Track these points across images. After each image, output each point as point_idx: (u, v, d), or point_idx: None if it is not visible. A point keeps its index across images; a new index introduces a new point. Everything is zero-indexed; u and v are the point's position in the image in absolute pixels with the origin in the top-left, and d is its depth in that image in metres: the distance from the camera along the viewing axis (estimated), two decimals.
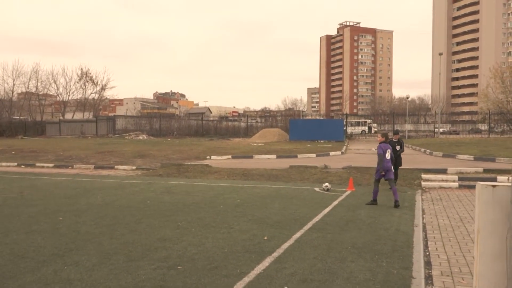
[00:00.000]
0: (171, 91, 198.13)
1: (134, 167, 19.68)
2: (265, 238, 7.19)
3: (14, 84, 69.67)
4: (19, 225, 8.21)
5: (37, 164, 21.58)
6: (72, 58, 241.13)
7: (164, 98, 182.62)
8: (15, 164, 21.99)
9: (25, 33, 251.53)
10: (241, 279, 5.23)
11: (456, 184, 13.52)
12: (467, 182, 13.53)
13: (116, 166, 20.17)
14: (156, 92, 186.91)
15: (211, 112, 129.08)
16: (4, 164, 22.03)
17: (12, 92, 69.95)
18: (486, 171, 14.92)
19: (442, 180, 14.03)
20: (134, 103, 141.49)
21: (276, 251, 6.40)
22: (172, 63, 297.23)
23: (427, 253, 6.45)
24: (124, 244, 6.81)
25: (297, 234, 7.45)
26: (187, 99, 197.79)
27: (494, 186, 4.10)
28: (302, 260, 6.01)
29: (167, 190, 12.82)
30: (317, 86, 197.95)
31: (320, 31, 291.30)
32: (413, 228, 8.07)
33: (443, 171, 15.31)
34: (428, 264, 5.92)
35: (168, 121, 63.49)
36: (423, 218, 9.00)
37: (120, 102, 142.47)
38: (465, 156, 20.82)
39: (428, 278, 5.36)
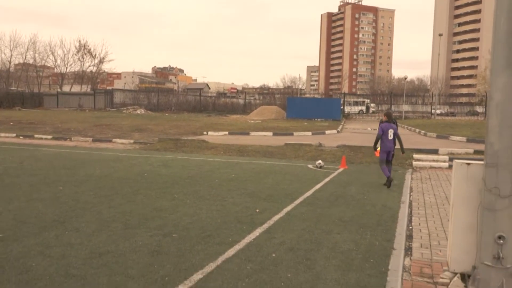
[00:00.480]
0: (169, 66, 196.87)
1: (131, 141, 19.95)
2: (257, 210, 7.52)
3: (11, 55, 69.38)
4: (20, 193, 8.51)
5: (36, 136, 21.83)
6: (69, 30, 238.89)
7: (163, 73, 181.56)
8: (14, 135, 22.22)
9: (22, 3, 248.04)
10: (232, 246, 5.56)
11: (446, 165, 13.85)
12: None
13: (113, 140, 20.43)
14: (155, 66, 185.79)
15: (209, 88, 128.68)
16: (3, 134, 22.26)
17: (10, 63, 69.66)
18: (476, 152, 15.25)
19: (433, 160, 14.36)
20: (132, 77, 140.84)
21: (266, 223, 6.73)
22: (171, 38, 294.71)
23: (410, 227, 6.80)
24: (121, 213, 7.13)
25: (288, 208, 7.78)
26: (185, 74, 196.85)
27: (468, 164, 4.40)
28: (290, 231, 6.34)
29: (164, 164, 13.12)
30: (317, 64, 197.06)
31: (321, 9, 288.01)
32: (400, 204, 8.41)
33: (435, 152, 15.64)
34: (409, 237, 6.26)
35: (166, 96, 63.44)
36: (410, 195, 9.34)
37: (118, 75, 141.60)
38: (458, 138, 21.16)
39: (408, 249, 5.70)
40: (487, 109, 4.21)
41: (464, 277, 4.46)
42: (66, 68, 75.32)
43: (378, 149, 10.32)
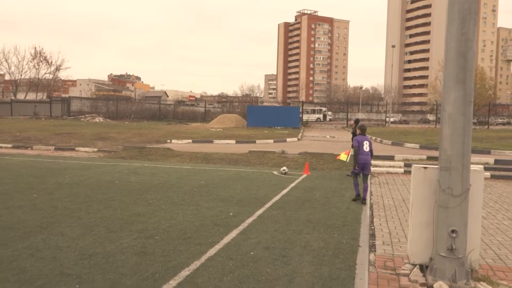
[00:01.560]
0: (126, 73, 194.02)
1: (95, 149, 19.92)
2: (231, 214, 7.97)
3: None
4: (17, 200, 8.59)
5: None
6: (23, 37, 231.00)
7: (120, 81, 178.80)
8: None
9: None
10: (213, 246, 5.99)
11: (401, 170, 14.75)
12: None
13: (77, 148, 20.32)
14: (111, 74, 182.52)
15: (167, 96, 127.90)
16: None
17: None
18: (429, 158, 16.25)
19: (390, 166, 15.24)
20: (88, 84, 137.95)
21: (241, 225, 7.20)
22: (127, 46, 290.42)
23: (372, 227, 7.43)
24: (101, 218, 7.41)
25: (259, 211, 8.28)
26: (142, 82, 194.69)
27: (425, 167, 5.04)
28: (264, 232, 6.83)
29: (133, 172, 13.34)
30: (275, 73, 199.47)
31: (279, 19, 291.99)
32: (362, 207, 9.06)
33: (391, 158, 16.56)
34: (372, 236, 6.88)
35: (124, 104, 62.77)
36: (370, 199, 10.02)
37: (74, 83, 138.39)
38: (412, 145, 22.34)
39: (372, 246, 6.30)
40: (441, 119, 4.86)
41: (423, 267, 5.08)
42: (21, 75, 73.14)
43: (343, 154, 10.78)
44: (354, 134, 13.29)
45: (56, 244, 5.92)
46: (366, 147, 9.66)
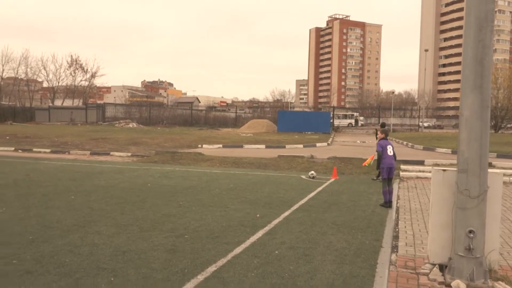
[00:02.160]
0: (159, 79, 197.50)
1: (129, 154, 20.56)
2: (258, 215, 8.23)
3: (3, 70, 69.63)
4: (36, 202, 9.13)
5: (34, 149, 22.35)
6: (58, 46, 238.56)
7: (152, 87, 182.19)
8: (13, 149, 22.71)
9: (11, 18, 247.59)
10: (239, 245, 6.26)
11: (431, 175, 14.66)
12: None
13: (111, 153, 21.03)
14: (144, 80, 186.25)
15: (199, 102, 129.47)
16: (1, 148, 22.74)
17: (1, 78, 69.81)
18: None
19: (419, 171, 15.19)
20: (122, 91, 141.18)
21: (267, 226, 7.45)
22: (160, 52, 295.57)
23: (397, 229, 7.54)
24: (134, 218, 7.80)
25: (286, 213, 8.51)
26: (175, 88, 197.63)
27: (444, 170, 5.19)
28: (289, 233, 7.06)
29: (165, 175, 13.78)
30: (306, 78, 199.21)
31: (310, 23, 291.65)
32: (388, 210, 9.17)
33: (421, 163, 16.49)
34: (396, 237, 7.00)
35: (157, 110, 64.12)
36: (397, 202, 10.10)
37: (108, 89, 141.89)
38: (444, 150, 22.10)
39: (394, 247, 6.44)
40: (459, 124, 5.00)
41: (442, 267, 5.21)
42: (58, 82, 75.71)
43: (369, 159, 10.88)
44: None
45: (92, 241, 6.31)
46: (390, 151, 9.74)
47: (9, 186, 11.24)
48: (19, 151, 22.17)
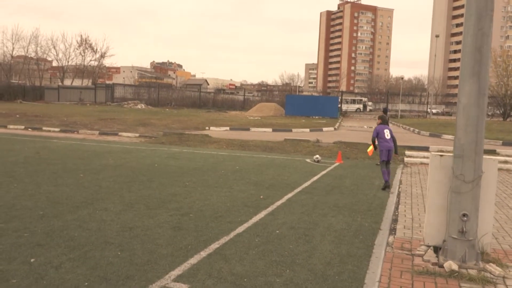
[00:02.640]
0: (168, 61, 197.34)
1: (137, 135, 20.81)
2: (261, 197, 8.43)
3: (13, 48, 70.01)
4: (46, 179, 9.40)
5: (44, 128, 22.66)
6: (68, 24, 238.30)
7: (162, 68, 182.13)
8: (23, 127, 23.05)
9: None
10: (242, 225, 6.47)
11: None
12: None
13: (120, 133, 21.28)
14: (153, 61, 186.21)
15: (208, 84, 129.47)
16: (12, 126, 23.09)
17: (12, 56, 70.19)
18: None
19: (424, 157, 15.29)
20: (131, 71, 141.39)
21: (270, 207, 7.65)
22: (169, 33, 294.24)
23: (396, 213, 7.72)
24: (141, 197, 8.03)
25: (289, 195, 8.70)
26: (184, 70, 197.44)
27: (441, 155, 5.32)
28: (291, 214, 7.26)
29: (172, 156, 14.01)
30: (315, 62, 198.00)
31: (321, 7, 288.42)
32: (389, 195, 9.33)
33: (425, 149, 16.58)
34: (395, 221, 7.18)
35: (166, 92, 64.35)
36: (399, 187, 10.26)
37: (117, 70, 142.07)
38: (450, 136, 22.11)
39: (392, 230, 6.62)
40: (457, 110, 5.13)
41: (437, 249, 5.38)
42: (68, 62, 76.01)
43: (371, 148, 11.00)
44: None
45: (100, 217, 6.55)
46: (387, 134, 10.18)
47: (20, 163, 11.52)
48: (29, 129, 22.51)
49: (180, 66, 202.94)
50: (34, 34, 77.54)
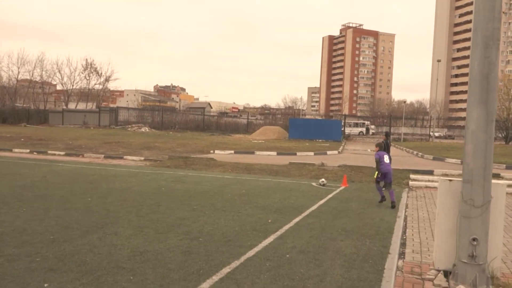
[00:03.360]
0: (171, 84, 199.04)
1: (142, 158, 20.91)
2: (269, 220, 8.47)
3: (19, 72, 70.81)
4: (54, 203, 9.46)
5: (49, 152, 22.79)
6: (72, 48, 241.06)
7: (165, 92, 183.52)
8: (28, 151, 23.17)
9: (27, 19, 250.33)
10: (252, 249, 6.50)
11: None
12: None
13: (125, 156, 21.38)
14: (157, 85, 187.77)
15: (211, 107, 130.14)
16: (17, 150, 23.24)
17: (17, 80, 70.99)
18: None
19: (428, 181, 15.32)
20: (135, 95, 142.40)
21: (278, 231, 7.69)
22: (172, 57, 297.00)
23: (404, 237, 7.74)
24: (150, 221, 8.08)
25: (296, 219, 8.74)
26: (187, 93, 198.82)
27: (450, 180, 5.39)
28: (300, 238, 7.29)
29: (178, 180, 14.08)
30: (318, 85, 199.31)
31: (323, 32, 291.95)
32: (396, 218, 9.35)
33: (430, 172, 16.61)
34: (403, 245, 7.20)
35: (169, 115, 64.72)
36: (405, 211, 10.28)
37: (121, 93, 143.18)
38: (453, 160, 22.16)
39: (401, 254, 6.64)
40: (465, 136, 5.22)
41: (447, 273, 5.41)
42: (72, 85, 76.74)
43: (377, 173, 11.29)
44: (386, 146, 13.49)
45: (111, 242, 6.60)
46: (386, 159, 11.18)
47: (27, 187, 11.60)
48: (34, 153, 22.63)
49: (183, 89, 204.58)
50: (40, 58, 79.22)
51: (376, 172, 11.18)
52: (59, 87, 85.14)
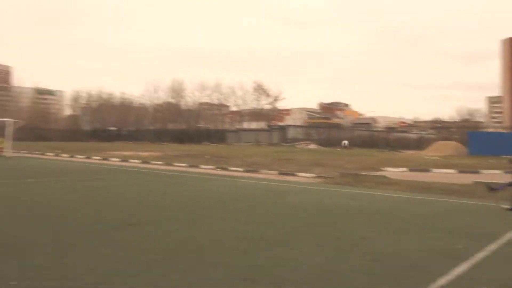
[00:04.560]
0: (336, 101, 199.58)
1: (313, 175, 21.22)
2: (460, 246, 7.75)
3: (200, 97, 78.71)
4: (238, 216, 10.14)
5: (230, 168, 24.60)
6: (244, 73, 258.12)
7: (329, 108, 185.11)
8: (212, 167, 25.38)
9: (203, 51, 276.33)
10: (442, 276, 5.97)
11: None
12: None
13: (297, 173, 21.96)
14: (321, 102, 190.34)
15: (375, 123, 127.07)
16: (204, 167, 25.63)
17: (200, 103, 78.94)
18: None
19: None
20: (301, 113, 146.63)
21: (470, 258, 6.95)
22: (333, 74, 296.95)
23: None
24: (332, 238, 8.13)
25: (491, 246, 7.82)
26: (351, 109, 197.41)
27: None
28: (499, 268, 6.51)
29: (352, 197, 13.92)
30: (497, 94, 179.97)
31: (499, 34, 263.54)
32: None
33: None
34: None
35: (335, 131, 65.02)
36: None
37: (288, 112, 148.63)
38: None
39: None
40: None
41: None
42: (244, 106, 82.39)
43: None
44: None
45: (294, 257, 6.75)
46: None
47: (220, 200, 12.71)
48: (218, 169, 24.65)
49: (346, 105, 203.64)
50: (217, 83, 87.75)
51: None
52: (233, 108, 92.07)
